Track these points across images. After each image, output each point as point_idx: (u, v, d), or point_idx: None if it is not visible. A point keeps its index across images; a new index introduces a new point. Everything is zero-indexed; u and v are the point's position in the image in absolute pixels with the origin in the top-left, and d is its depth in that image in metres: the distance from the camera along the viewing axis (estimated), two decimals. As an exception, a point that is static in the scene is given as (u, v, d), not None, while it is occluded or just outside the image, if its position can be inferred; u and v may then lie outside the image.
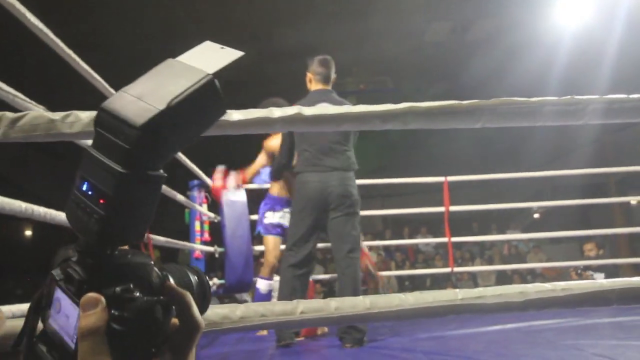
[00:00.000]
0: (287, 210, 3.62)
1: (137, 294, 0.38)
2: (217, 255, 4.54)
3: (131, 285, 0.38)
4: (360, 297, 0.87)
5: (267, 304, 0.84)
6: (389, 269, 8.67)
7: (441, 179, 4.53)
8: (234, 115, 0.88)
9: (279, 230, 3.68)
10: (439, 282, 8.53)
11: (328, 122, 0.90)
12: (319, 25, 7.79)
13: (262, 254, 5.13)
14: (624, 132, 9.17)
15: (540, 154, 11.06)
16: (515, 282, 8.33)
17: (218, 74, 0.44)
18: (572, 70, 7.67)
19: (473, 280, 8.69)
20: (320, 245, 3.31)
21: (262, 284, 3.74)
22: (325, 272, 8.29)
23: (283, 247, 3.78)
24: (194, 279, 0.47)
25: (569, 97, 0.88)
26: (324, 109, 0.90)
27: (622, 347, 2.25)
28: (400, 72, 8.91)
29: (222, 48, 0.47)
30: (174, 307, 0.41)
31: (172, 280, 0.43)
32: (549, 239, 9.80)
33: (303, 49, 8.36)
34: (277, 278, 4.80)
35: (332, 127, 0.92)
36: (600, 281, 0.86)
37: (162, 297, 0.39)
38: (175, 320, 0.41)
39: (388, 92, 9.01)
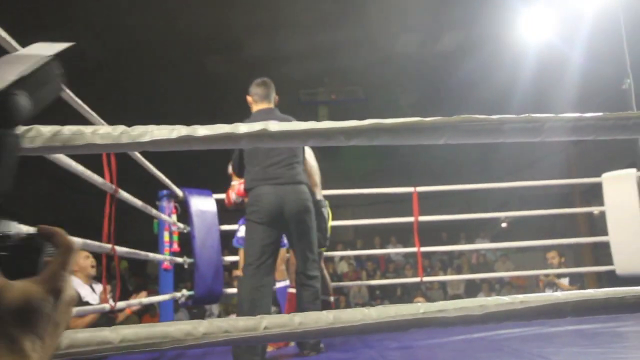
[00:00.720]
0: None
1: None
2: (186, 266, 4.48)
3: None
4: (324, 312, 0.87)
5: (230, 320, 0.84)
6: (360, 279, 8.71)
7: (410, 189, 4.58)
8: (200, 130, 0.88)
9: None
10: (409, 292, 8.60)
11: (294, 138, 0.91)
12: (290, 35, 7.84)
13: (232, 264, 5.11)
14: (590, 142, 9.46)
15: (509, 162, 11.31)
16: (483, 291, 8.46)
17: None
18: (538, 82, 7.89)
19: (443, 289, 8.79)
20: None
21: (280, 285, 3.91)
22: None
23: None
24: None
25: (526, 115, 0.92)
26: (290, 124, 0.90)
27: (584, 355, 2.31)
28: (371, 83, 9.01)
29: (53, 43, 0.56)
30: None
31: None
32: (516, 248, 9.99)
33: (275, 59, 8.40)
34: None
35: (297, 143, 0.93)
36: (556, 294, 0.89)
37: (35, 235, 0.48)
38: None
39: (359, 102, 9.10)
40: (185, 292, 4.43)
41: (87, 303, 3.28)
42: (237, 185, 3.71)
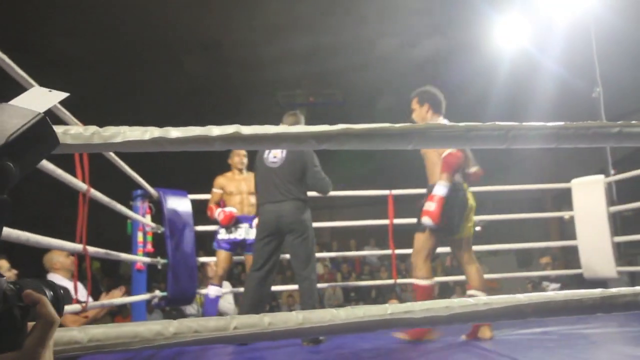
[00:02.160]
0: (239, 226, 4.10)
1: None
2: (159, 267, 4.44)
3: None
4: (293, 313, 0.89)
5: (200, 320, 0.85)
6: (335, 280, 8.74)
7: (386, 192, 4.63)
8: (172, 132, 0.89)
9: (228, 246, 4.10)
10: (383, 294, 8.66)
11: (265, 142, 0.93)
12: (269, 37, 7.83)
13: (204, 265, 5.10)
14: (562, 148, 9.66)
15: (485, 166, 11.50)
16: (457, 293, 8.57)
17: (48, 112, 0.52)
18: (514, 89, 8.05)
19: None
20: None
21: (211, 290, 4.18)
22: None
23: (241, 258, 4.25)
24: (48, 293, 0.55)
25: (492, 123, 0.95)
26: (262, 128, 0.92)
27: (551, 355, 2.37)
28: (350, 86, 9.07)
29: (50, 91, 0.55)
30: (31, 310, 0.50)
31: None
32: (489, 251, 10.14)
33: (253, 60, 8.39)
34: (226, 285, 5.02)
35: (269, 147, 0.94)
36: (518, 296, 0.92)
37: (20, 304, 0.49)
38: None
39: (337, 105, 9.14)
40: (158, 293, 4.39)
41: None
42: (223, 214, 4.04)
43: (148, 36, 7.51)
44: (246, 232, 4.10)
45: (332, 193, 3.51)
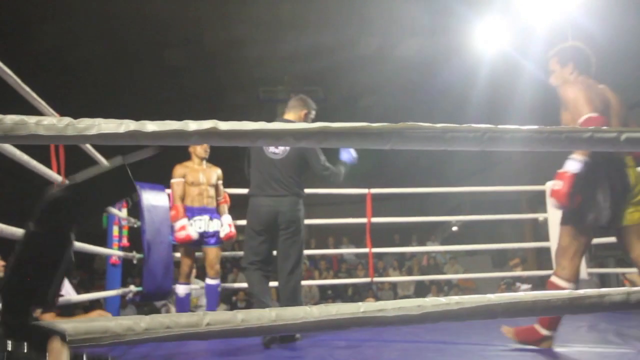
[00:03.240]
0: (199, 218, 4.01)
1: None
2: (135, 262, 4.39)
3: None
4: (267, 310, 0.89)
5: (172, 316, 0.84)
6: (312, 278, 8.75)
7: (364, 190, 4.65)
8: (148, 126, 0.88)
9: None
10: (360, 292, 8.71)
11: (243, 138, 0.93)
12: (250, 32, 7.79)
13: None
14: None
15: (465, 166, 11.63)
16: (432, 292, 8.66)
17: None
18: (495, 90, 8.15)
19: (393, 290, 8.94)
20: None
21: (180, 289, 4.10)
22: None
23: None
24: None
25: (468, 125, 0.96)
26: (240, 124, 0.92)
27: (523, 351, 2.41)
28: (331, 83, 9.07)
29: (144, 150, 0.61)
30: None
31: None
32: (465, 251, 10.28)
33: (235, 55, 8.34)
34: (196, 283, 4.98)
35: (247, 143, 0.94)
36: (488, 296, 0.93)
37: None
38: None
39: (318, 103, 9.12)
40: (133, 288, 4.35)
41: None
42: (184, 228, 3.89)
43: (129, 31, 7.40)
44: (206, 225, 4.00)
45: (309, 190, 3.41)
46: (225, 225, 4.11)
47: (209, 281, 4.09)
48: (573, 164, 2.26)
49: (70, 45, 7.52)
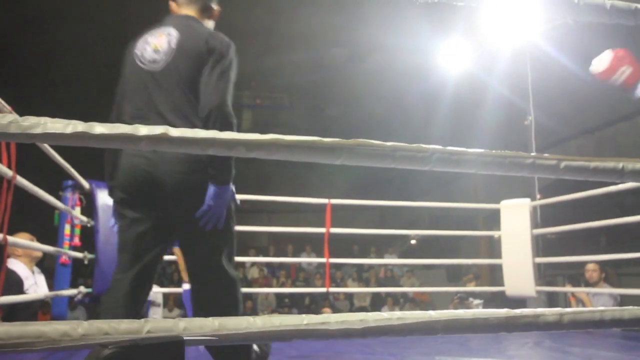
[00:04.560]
0: None
1: None
2: (86, 262, 4.27)
3: None
4: (210, 319, 0.89)
5: (112, 322, 0.83)
6: (270, 286, 8.71)
7: (325, 200, 4.68)
8: (97, 128, 0.87)
9: None
10: (317, 301, 8.71)
11: (194, 145, 0.93)
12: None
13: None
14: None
15: (426, 181, 11.83)
16: (388, 304, 8.74)
17: None
18: (457, 109, 8.35)
19: (350, 300, 8.98)
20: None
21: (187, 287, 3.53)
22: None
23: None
24: None
25: (417, 145, 0.98)
26: (191, 131, 0.91)
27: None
28: (298, 91, 9.11)
29: None
30: None
31: None
32: (423, 265, 10.44)
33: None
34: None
35: (198, 150, 0.94)
36: (429, 312, 0.96)
37: None
38: None
39: (283, 109, 9.16)
40: (83, 289, 4.23)
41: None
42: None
43: (94, 32, 7.25)
44: None
45: (267, 198, 3.29)
46: None
47: (186, 286, 3.78)
48: None
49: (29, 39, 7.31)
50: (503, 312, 1.00)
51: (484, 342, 3.15)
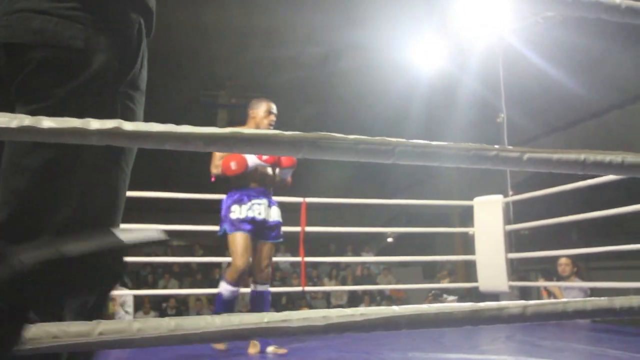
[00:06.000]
0: (257, 201, 3.10)
1: None
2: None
3: None
4: (166, 319, 0.86)
5: (61, 325, 0.80)
6: (247, 286, 8.64)
7: (299, 199, 4.65)
8: (45, 122, 0.83)
9: (249, 226, 3.03)
10: (293, 300, 8.69)
11: (149, 140, 0.89)
12: (194, 34, 7.67)
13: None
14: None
15: (401, 180, 11.89)
16: (365, 302, 8.76)
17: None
18: (431, 107, 8.41)
19: (327, 299, 8.98)
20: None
21: (225, 289, 3.07)
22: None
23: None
24: None
25: (380, 137, 0.97)
26: (146, 125, 0.88)
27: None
28: (273, 91, 9.05)
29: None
30: None
31: None
32: (399, 262, 10.50)
33: (177, 56, 8.16)
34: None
35: (153, 145, 0.91)
36: (393, 308, 0.94)
37: None
38: None
39: (259, 110, 9.09)
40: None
41: None
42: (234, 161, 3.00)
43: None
44: (266, 212, 3.12)
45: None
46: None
47: (259, 287, 3.23)
48: None
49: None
50: (467, 305, 1.00)
51: (457, 338, 3.18)
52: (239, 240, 2.98)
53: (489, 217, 4.32)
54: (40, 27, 0.98)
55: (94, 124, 0.86)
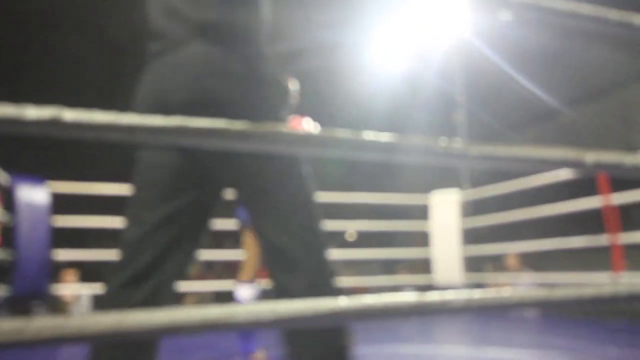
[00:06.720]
0: None
1: None
2: (7, 261, 4.03)
3: None
4: (107, 314, 0.84)
5: (-6, 321, 0.76)
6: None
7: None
8: (-24, 111, 0.80)
9: None
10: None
11: (91, 130, 0.87)
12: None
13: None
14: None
15: (369, 173, 11.95)
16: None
17: None
18: (394, 107, 8.50)
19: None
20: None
21: (244, 290, 3.05)
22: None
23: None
24: None
25: (327, 131, 0.97)
26: (88, 115, 0.86)
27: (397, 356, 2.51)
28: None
29: None
30: None
31: None
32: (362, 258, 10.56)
33: (139, 44, 7.97)
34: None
35: (96, 137, 0.88)
36: (341, 300, 0.95)
37: None
38: None
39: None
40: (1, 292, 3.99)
41: None
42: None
43: (30, 17, 6.84)
44: None
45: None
46: None
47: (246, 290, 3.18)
48: None
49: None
50: (413, 297, 1.01)
51: (413, 329, 3.23)
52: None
53: (444, 211, 4.40)
54: None
55: (31, 112, 0.83)
